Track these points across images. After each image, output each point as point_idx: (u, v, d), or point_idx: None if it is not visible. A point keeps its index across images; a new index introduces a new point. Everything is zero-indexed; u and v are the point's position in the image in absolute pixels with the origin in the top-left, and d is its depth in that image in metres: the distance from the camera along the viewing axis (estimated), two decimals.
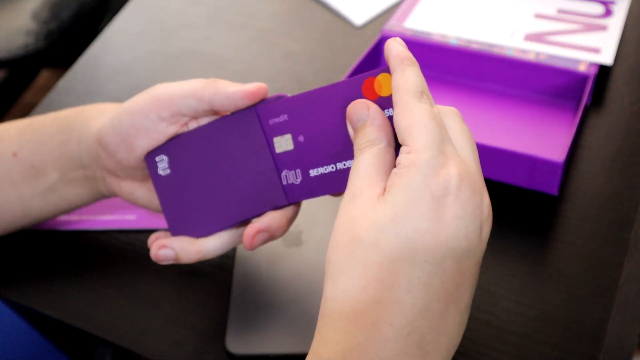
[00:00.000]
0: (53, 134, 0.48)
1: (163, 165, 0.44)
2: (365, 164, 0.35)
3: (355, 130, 0.38)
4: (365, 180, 0.35)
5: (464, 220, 0.33)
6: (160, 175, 0.44)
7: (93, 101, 0.65)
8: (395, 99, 0.36)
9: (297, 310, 0.46)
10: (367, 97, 0.38)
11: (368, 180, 0.35)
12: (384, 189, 0.34)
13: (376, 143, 0.36)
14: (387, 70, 0.37)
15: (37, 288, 0.50)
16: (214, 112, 0.43)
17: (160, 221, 0.54)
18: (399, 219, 0.32)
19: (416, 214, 0.32)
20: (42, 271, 0.52)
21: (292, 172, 0.41)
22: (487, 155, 0.49)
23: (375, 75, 0.38)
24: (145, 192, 0.47)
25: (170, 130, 0.44)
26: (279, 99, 0.41)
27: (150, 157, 0.44)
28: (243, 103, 0.42)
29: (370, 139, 0.36)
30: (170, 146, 0.44)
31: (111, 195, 0.48)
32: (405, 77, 0.36)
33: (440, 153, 0.33)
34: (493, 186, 0.53)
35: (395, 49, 0.37)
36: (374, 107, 0.37)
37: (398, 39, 0.37)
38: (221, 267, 0.50)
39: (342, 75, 0.63)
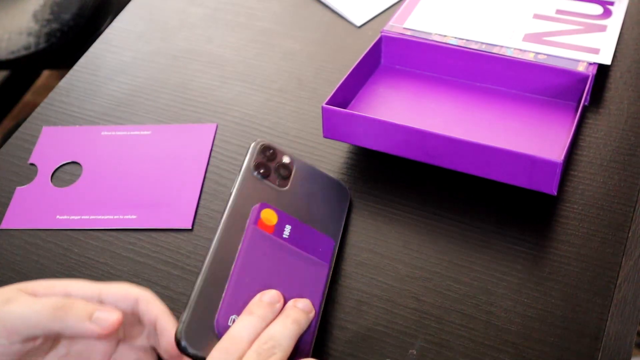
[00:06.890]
0: None
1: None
2: None
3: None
4: None
5: None
6: None
7: (93, 101, 0.66)
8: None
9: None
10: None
11: None
12: None
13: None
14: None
15: None
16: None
17: (160, 220, 0.54)
18: None
19: None
20: (43, 271, 0.52)
21: None
22: (487, 155, 0.49)
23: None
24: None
25: (28, 346, 0.38)
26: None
27: (219, 327, 0.41)
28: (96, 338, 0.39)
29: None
30: (225, 304, 0.41)
31: None
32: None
33: None
34: (492, 186, 0.53)
35: None
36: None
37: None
38: None
39: (342, 75, 0.63)
